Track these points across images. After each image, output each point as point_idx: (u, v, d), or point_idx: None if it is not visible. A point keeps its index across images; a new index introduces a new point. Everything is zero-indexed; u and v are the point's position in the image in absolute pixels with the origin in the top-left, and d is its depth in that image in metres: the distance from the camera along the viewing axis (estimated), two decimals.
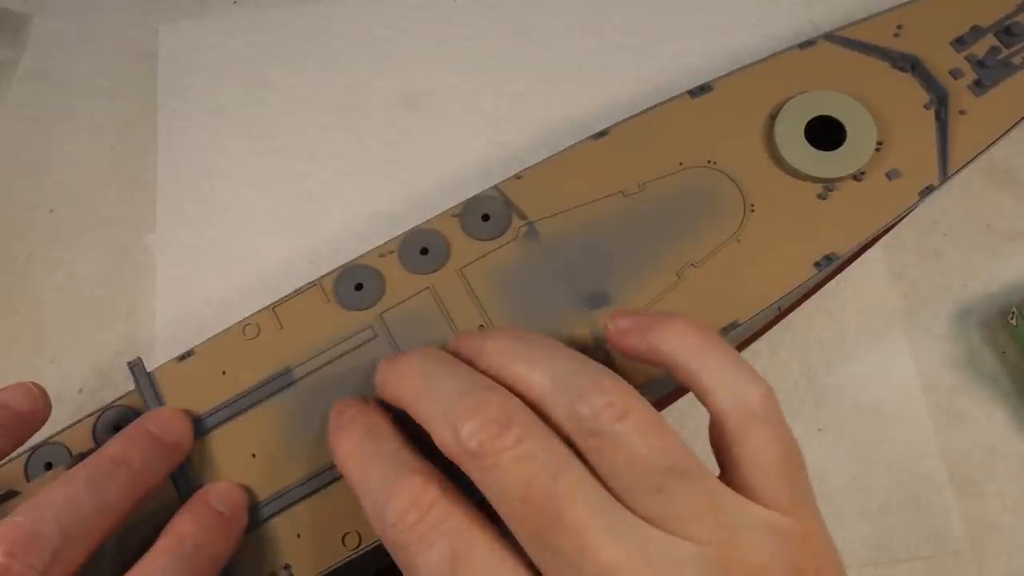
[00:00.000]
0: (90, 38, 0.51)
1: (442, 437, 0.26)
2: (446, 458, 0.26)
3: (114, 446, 0.30)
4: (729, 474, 0.27)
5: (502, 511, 0.25)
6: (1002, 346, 0.43)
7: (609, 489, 0.25)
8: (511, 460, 0.25)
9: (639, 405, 0.26)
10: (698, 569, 0.24)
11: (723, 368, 0.28)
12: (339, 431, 0.29)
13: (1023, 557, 0.40)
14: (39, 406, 0.31)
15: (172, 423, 0.32)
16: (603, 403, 0.25)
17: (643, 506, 0.25)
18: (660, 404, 0.40)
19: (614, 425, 0.25)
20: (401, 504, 0.25)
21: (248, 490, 0.32)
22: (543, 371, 0.27)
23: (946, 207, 0.45)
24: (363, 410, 0.30)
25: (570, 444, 0.26)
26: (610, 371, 0.27)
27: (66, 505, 0.27)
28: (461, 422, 0.25)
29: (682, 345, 0.28)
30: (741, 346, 0.42)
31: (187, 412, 0.33)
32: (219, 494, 0.31)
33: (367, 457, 0.28)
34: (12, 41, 0.51)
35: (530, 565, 0.25)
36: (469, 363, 0.29)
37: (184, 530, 0.29)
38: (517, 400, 0.26)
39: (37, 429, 0.31)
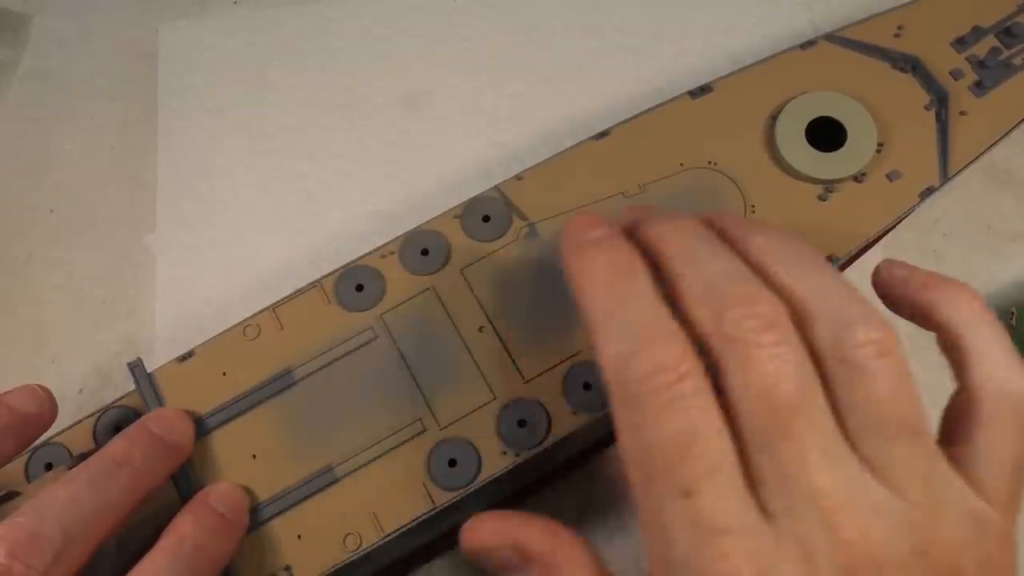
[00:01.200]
0: (90, 38, 0.51)
1: (700, 312, 0.25)
2: None
3: (116, 446, 0.30)
4: (957, 447, 0.26)
5: (737, 401, 0.24)
6: None
7: (841, 421, 0.24)
8: (766, 357, 0.24)
9: (898, 350, 0.24)
10: (896, 527, 0.23)
11: (1000, 351, 0.27)
12: (587, 249, 0.27)
13: (1023, 557, 0.40)
14: (45, 408, 0.31)
15: (174, 423, 0.32)
16: (870, 336, 0.24)
17: (868, 448, 0.24)
18: None
19: (872, 361, 0.24)
20: (657, 359, 0.24)
21: (249, 491, 0.32)
22: (808, 282, 0.26)
23: (946, 207, 0.45)
24: (616, 236, 0.28)
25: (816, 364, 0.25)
26: (873, 304, 0.26)
27: (67, 505, 0.27)
28: (728, 305, 0.25)
29: (965, 313, 0.27)
30: None
31: (188, 412, 0.33)
32: (220, 495, 0.31)
33: (624, 293, 0.26)
34: (12, 41, 0.51)
35: (747, 468, 0.24)
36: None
37: (185, 531, 0.29)
38: (784, 305, 0.25)
39: (43, 431, 0.31)
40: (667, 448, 0.24)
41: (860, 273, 0.43)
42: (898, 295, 0.29)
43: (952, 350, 0.27)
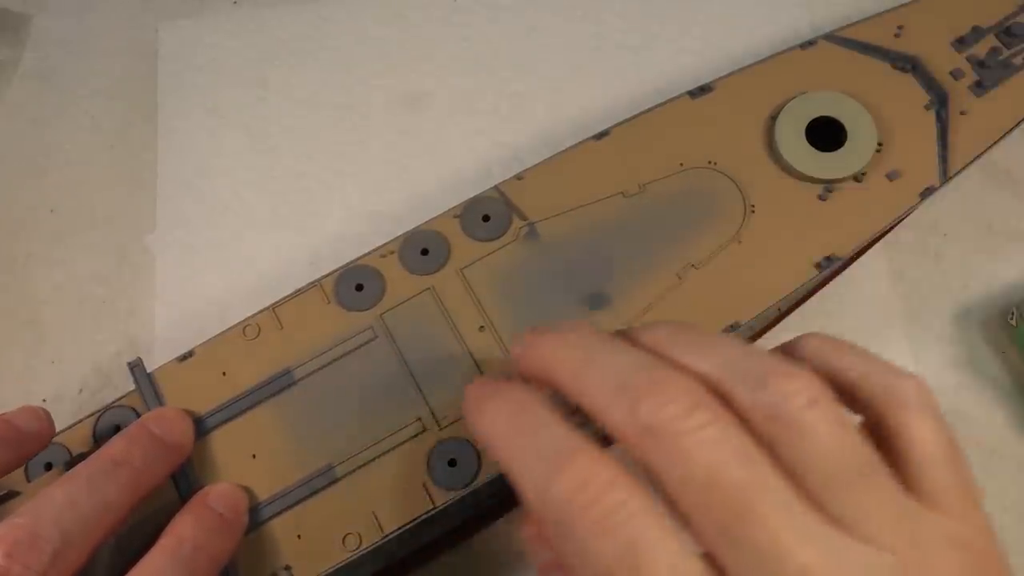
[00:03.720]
0: (90, 38, 0.51)
1: (614, 415, 0.23)
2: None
3: (115, 446, 0.30)
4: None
5: (681, 497, 0.23)
6: (1002, 347, 0.43)
7: (796, 484, 0.23)
8: (696, 443, 0.22)
9: (825, 394, 0.23)
10: None
11: (869, 362, 0.26)
12: (484, 402, 0.26)
13: (1023, 557, 0.40)
14: (44, 427, 0.31)
15: (174, 423, 0.32)
16: (791, 389, 0.23)
17: (834, 506, 0.22)
18: None
19: (805, 412, 0.23)
20: (573, 479, 0.23)
21: (249, 491, 0.32)
22: (712, 358, 0.25)
23: (946, 207, 0.45)
24: (507, 384, 0.27)
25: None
26: (783, 356, 0.25)
27: (66, 506, 0.27)
28: (641, 399, 0.23)
29: (821, 347, 0.26)
30: None
31: (188, 412, 0.33)
32: (219, 495, 0.31)
33: (526, 427, 0.25)
34: (12, 41, 0.51)
35: (705, 555, 0.22)
36: None
37: (184, 531, 0.29)
38: (699, 381, 0.24)
39: (41, 448, 0.31)
40: (615, 571, 0.22)
41: (860, 273, 0.44)
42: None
43: (832, 382, 0.26)
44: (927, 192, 0.37)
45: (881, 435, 0.25)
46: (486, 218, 0.36)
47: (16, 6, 0.52)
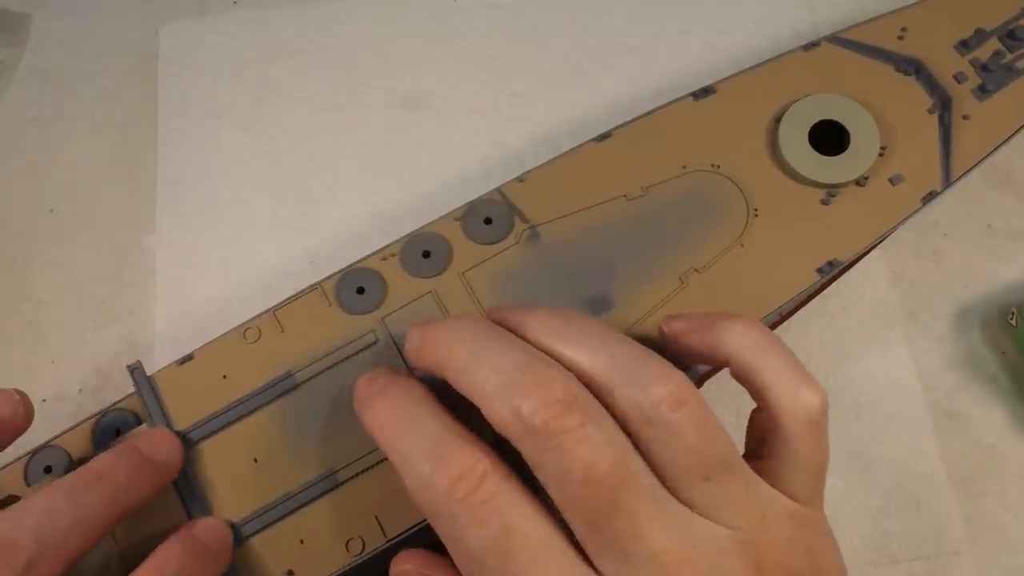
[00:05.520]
0: (90, 38, 0.51)
1: (499, 413, 0.25)
2: (490, 433, 0.26)
3: (101, 460, 0.30)
4: (765, 463, 0.28)
5: (557, 491, 0.25)
6: (1002, 347, 0.43)
7: (659, 475, 0.26)
8: (574, 442, 0.24)
9: (694, 395, 0.26)
10: (735, 553, 0.25)
11: (785, 369, 0.28)
12: (373, 399, 0.29)
13: (1023, 557, 0.40)
14: (19, 412, 0.31)
15: (161, 443, 0.32)
16: (663, 392, 0.26)
17: (690, 494, 0.25)
18: None
19: (672, 415, 0.25)
20: (452, 473, 0.25)
21: (250, 495, 0.32)
22: (596, 355, 0.27)
23: (946, 207, 0.45)
24: (397, 378, 0.29)
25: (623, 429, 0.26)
26: (660, 357, 0.27)
27: (45, 515, 0.27)
28: (523, 399, 0.25)
29: (745, 343, 0.29)
30: None
31: (177, 435, 0.33)
32: (207, 527, 0.31)
33: (408, 423, 0.27)
34: (12, 41, 0.51)
35: (576, 543, 0.25)
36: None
37: (170, 553, 0.29)
38: (577, 380, 0.26)
39: (18, 435, 0.31)
40: (489, 555, 0.25)
41: (860, 274, 0.44)
42: (683, 346, 0.31)
43: (744, 378, 0.29)
44: (929, 197, 0.37)
45: (768, 428, 0.29)
46: (488, 221, 0.36)
47: (16, 6, 0.52)
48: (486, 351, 0.27)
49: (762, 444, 0.29)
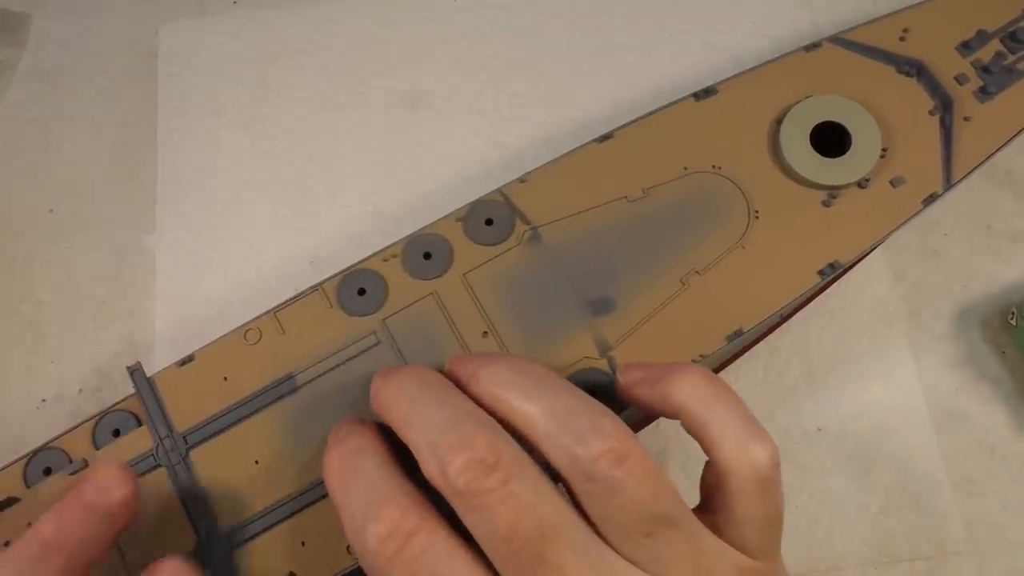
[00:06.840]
0: (90, 38, 0.51)
1: (428, 468, 0.26)
2: None
3: (46, 526, 0.27)
4: (716, 516, 0.28)
5: (486, 548, 0.25)
6: (1002, 346, 0.43)
7: (597, 530, 0.26)
8: (497, 500, 0.25)
9: (637, 450, 0.26)
10: None
11: (734, 422, 0.28)
12: (329, 449, 0.29)
13: (1023, 557, 0.40)
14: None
15: (111, 485, 0.28)
16: (602, 448, 0.25)
17: (630, 550, 0.25)
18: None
19: (612, 470, 0.25)
20: (381, 530, 0.25)
21: (252, 497, 0.32)
22: (539, 407, 0.27)
23: (946, 208, 0.45)
24: (356, 428, 0.30)
25: (559, 479, 0.26)
26: (608, 410, 0.27)
27: None
28: (447, 458, 0.25)
29: (694, 395, 0.28)
30: (741, 351, 0.42)
31: (126, 467, 0.29)
32: (173, 569, 0.28)
33: (348, 476, 0.28)
34: (12, 41, 0.51)
35: None
36: (462, 388, 0.29)
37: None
38: (506, 436, 0.26)
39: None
40: None
41: (861, 274, 0.44)
42: (638, 397, 0.31)
43: (694, 431, 0.29)
44: (930, 199, 0.37)
45: (717, 483, 0.28)
46: (489, 222, 0.36)
47: (16, 6, 0.52)
48: (421, 405, 0.28)
49: (713, 498, 0.28)
